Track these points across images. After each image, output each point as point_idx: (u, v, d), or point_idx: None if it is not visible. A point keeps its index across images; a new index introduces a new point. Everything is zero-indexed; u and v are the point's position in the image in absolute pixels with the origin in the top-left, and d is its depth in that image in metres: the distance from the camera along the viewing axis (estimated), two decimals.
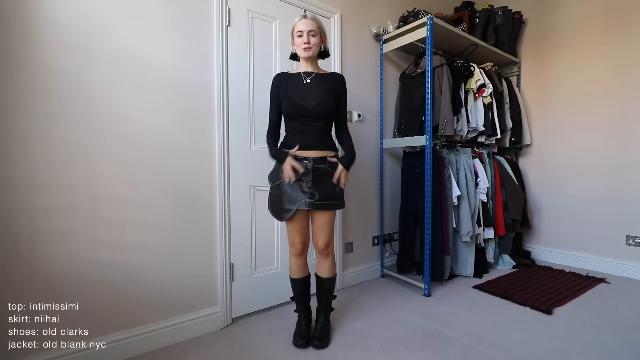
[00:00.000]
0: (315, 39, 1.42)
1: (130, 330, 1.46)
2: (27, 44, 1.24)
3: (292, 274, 1.60)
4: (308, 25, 1.41)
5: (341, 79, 1.54)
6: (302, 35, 1.41)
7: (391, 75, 2.56)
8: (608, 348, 1.50)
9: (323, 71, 1.54)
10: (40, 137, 1.27)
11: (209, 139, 1.70)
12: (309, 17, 1.43)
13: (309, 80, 1.47)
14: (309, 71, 1.49)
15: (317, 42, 1.44)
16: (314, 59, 1.50)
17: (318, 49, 1.47)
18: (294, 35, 1.45)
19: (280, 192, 1.46)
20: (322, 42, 1.47)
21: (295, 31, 1.43)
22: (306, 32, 1.41)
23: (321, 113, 1.45)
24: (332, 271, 1.58)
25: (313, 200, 1.42)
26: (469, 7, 2.82)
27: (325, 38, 1.50)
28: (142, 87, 1.49)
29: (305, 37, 1.41)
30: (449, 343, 1.55)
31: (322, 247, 1.52)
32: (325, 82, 1.48)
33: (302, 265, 1.59)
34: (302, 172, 1.42)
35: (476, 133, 2.52)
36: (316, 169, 1.44)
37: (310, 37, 1.41)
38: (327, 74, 1.53)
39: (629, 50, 2.43)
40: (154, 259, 1.53)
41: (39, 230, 1.27)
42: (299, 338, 1.53)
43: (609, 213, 2.53)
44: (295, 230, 1.51)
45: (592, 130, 2.62)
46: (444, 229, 2.29)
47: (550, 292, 2.13)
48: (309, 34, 1.41)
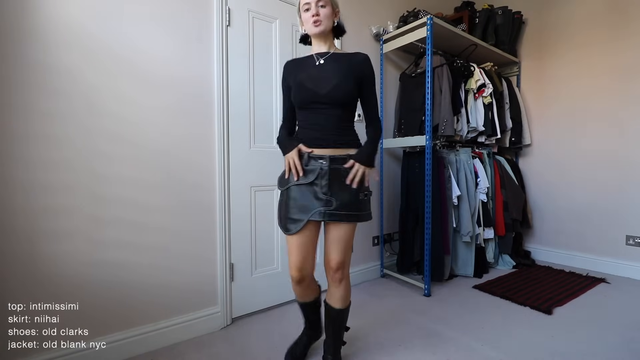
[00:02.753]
0: (325, 10, 1.15)
1: (130, 330, 1.46)
2: (26, 44, 1.24)
3: (297, 297, 1.34)
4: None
5: (364, 58, 1.22)
6: (310, 8, 1.15)
7: (391, 75, 2.56)
8: (608, 348, 1.50)
9: (341, 51, 1.27)
10: (40, 137, 1.27)
11: (209, 139, 1.70)
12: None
13: (323, 60, 1.19)
14: (322, 51, 1.22)
15: (329, 14, 1.16)
16: (328, 36, 1.22)
17: (331, 23, 1.19)
18: (301, 10, 1.18)
19: (289, 199, 1.17)
20: (334, 14, 1.19)
21: (302, 4, 1.17)
22: (314, 3, 1.14)
23: (337, 98, 1.15)
24: (345, 300, 1.25)
25: (329, 209, 1.13)
26: (469, 7, 2.82)
27: (339, 11, 1.23)
28: (142, 87, 1.49)
29: (314, 9, 1.14)
30: (449, 343, 1.55)
31: (334, 268, 1.19)
32: (343, 62, 1.19)
33: (305, 289, 1.29)
34: (317, 174, 1.15)
35: (476, 133, 2.52)
36: (333, 170, 1.15)
37: (319, 9, 1.14)
38: (346, 53, 1.25)
39: (629, 49, 2.43)
40: (154, 258, 1.53)
41: (39, 230, 1.27)
42: (290, 357, 1.36)
43: (609, 213, 2.53)
44: (297, 247, 1.18)
45: (592, 130, 2.62)
46: (444, 229, 2.29)
47: (550, 292, 2.13)
48: (317, 5, 1.14)
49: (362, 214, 1.18)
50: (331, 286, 1.26)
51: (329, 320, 1.28)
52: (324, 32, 1.19)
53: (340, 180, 1.16)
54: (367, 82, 1.22)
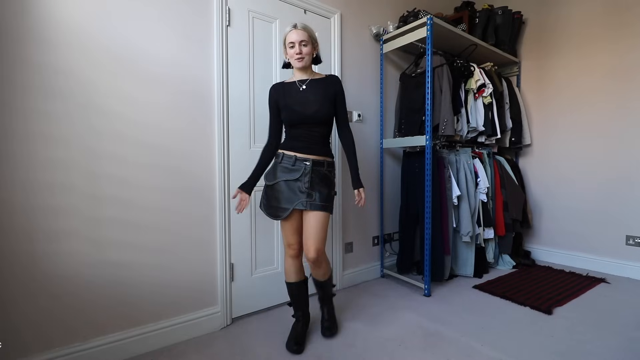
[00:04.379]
0: (307, 49, 1.44)
1: (130, 330, 1.46)
2: (26, 45, 1.24)
3: (288, 278, 1.57)
4: (299, 35, 1.42)
5: (335, 80, 1.54)
6: (294, 46, 1.42)
7: (391, 75, 2.56)
8: (608, 348, 1.50)
9: (318, 75, 1.55)
10: (40, 137, 1.27)
11: (209, 139, 1.70)
12: (299, 27, 1.43)
13: (305, 87, 1.49)
14: (303, 79, 1.51)
15: (309, 51, 1.45)
16: (308, 66, 1.51)
17: (311, 58, 1.49)
18: (286, 46, 1.46)
19: (277, 192, 1.46)
20: (314, 49, 1.48)
21: (287, 42, 1.44)
22: (298, 43, 1.42)
23: (320, 118, 1.47)
24: (326, 274, 1.58)
25: (310, 200, 1.43)
26: (469, 7, 2.82)
27: (317, 45, 1.51)
28: (142, 87, 1.49)
29: (297, 48, 1.42)
30: (449, 343, 1.55)
31: (313, 256, 1.45)
32: (320, 87, 1.49)
33: (299, 267, 1.57)
34: (301, 173, 1.45)
35: (476, 133, 2.52)
36: (314, 170, 1.46)
37: (302, 47, 1.43)
38: (321, 79, 1.53)
39: (629, 49, 2.43)
40: (154, 258, 1.53)
41: (39, 230, 1.27)
42: (293, 344, 1.50)
43: (609, 213, 2.53)
44: (291, 230, 1.50)
45: (593, 129, 2.62)
46: (444, 229, 2.29)
47: (550, 292, 2.13)
48: (301, 44, 1.42)
49: (331, 205, 1.50)
50: (313, 268, 1.55)
51: (318, 288, 1.62)
52: (305, 66, 1.48)
53: (319, 179, 1.47)
54: (339, 97, 1.54)
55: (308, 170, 1.45)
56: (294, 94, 1.48)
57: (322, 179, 1.48)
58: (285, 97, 1.49)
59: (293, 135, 1.50)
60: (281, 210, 1.45)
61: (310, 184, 1.44)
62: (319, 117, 1.46)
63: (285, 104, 1.47)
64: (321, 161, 1.48)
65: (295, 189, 1.44)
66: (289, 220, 1.48)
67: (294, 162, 1.46)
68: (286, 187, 1.45)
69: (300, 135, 1.48)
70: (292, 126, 1.50)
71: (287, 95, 1.49)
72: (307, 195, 1.43)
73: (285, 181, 1.45)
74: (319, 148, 1.50)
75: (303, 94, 1.47)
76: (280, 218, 1.46)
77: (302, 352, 1.49)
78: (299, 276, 1.57)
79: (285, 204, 1.44)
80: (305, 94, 1.47)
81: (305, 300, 1.61)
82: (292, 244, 1.52)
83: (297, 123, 1.47)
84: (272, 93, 1.53)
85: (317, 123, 1.48)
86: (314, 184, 1.45)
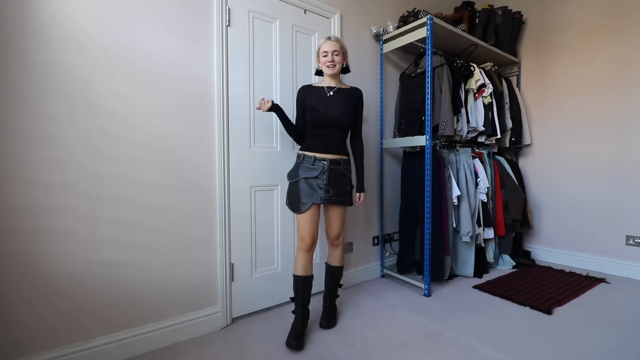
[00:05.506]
0: (338, 57, 1.61)
1: (130, 330, 1.46)
2: (26, 44, 1.24)
3: (297, 271, 1.62)
4: (332, 46, 1.60)
5: (359, 94, 1.73)
6: (327, 55, 1.60)
7: (391, 75, 2.56)
8: (608, 348, 1.50)
9: (344, 85, 1.72)
10: (40, 137, 1.27)
11: (209, 139, 1.70)
12: (333, 39, 1.61)
13: (332, 93, 1.65)
14: (332, 85, 1.67)
15: (340, 60, 1.63)
16: (337, 75, 1.67)
17: (341, 66, 1.65)
18: (320, 55, 1.63)
19: (299, 189, 1.61)
20: (344, 59, 1.65)
21: (321, 51, 1.62)
22: (331, 52, 1.60)
23: (341, 123, 1.63)
24: (341, 260, 1.75)
25: (328, 195, 1.60)
26: (469, 7, 2.82)
27: (347, 56, 1.68)
28: (142, 87, 1.49)
29: (330, 57, 1.60)
30: (449, 343, 1.55)
31: (334, 237, 1.71)
32: (345, 96, 1.67)
33: (309, 262, 1.64)
34: (320, 171, 1.60)
35: (476, 133, 2.52)
36: (331, 168, 1.61)
37: (334, 56, 1.60)
38: (347, 89, 1.70)
39: (629, 49, 2.43)
40: (154, 258, 1.53)
41: (39, 230, 1.27)
42: (293, 340, 1.51)
43: (609, 213, 2.54)
44: (307, 222, 1.61)
45: (593, 130, 2.62)
46: (444, 229, 2.29)
47: (550, 292, 2.13)
48: (333, 54, 1.60)
49: (348, 200, 1.69)
50: (331, 250, 1.76)
51: (329, 275, 1.76)
52: (335, 73, 1.64)
53: (336, 176, 1.63)
54: (359, 111, 1.74)
55: (326, 168, 1.60)
56: (320, 98, 1.64)
57: (339, 176, 1.64)
58: (312, 99, 1.64)
59: (313, 136, 1.65)
60: (302, 204, 1.60)
61: (328, 181, 1.60)
62: (340, 122, 1.62)
63: (311, 105, 1.63)
64: (338, 159, 1.64)
65: (315, 185, 1.60)
66: (307, 213, 1.60)
67: (314, 161, 1.61)
68: (306, 184, 1.60)
69: (319, 136, 1.63)
70: (314, 126, 1.64)
71: (314, 97, 1.64)
72: (325, 191, 1.59)
73: (305, 179, 1.61)
74: (336, 147, 1.65)
75: (329, 99, 1.64)
76: (300, 211, 1.60)
77: (302, 348, 1.50)
78: (307, 271, 1.63)
79: (305, 199, 1.59)
80: (331, 100, 1.64)
81: (307, 297, 1.64)
82: (306, 237, 1.61)
83: (318, 124, 1.62)
84: (301, 94, 1.69)
85: (337, 127, 1.64)
86: (332, 180, 1.61)
